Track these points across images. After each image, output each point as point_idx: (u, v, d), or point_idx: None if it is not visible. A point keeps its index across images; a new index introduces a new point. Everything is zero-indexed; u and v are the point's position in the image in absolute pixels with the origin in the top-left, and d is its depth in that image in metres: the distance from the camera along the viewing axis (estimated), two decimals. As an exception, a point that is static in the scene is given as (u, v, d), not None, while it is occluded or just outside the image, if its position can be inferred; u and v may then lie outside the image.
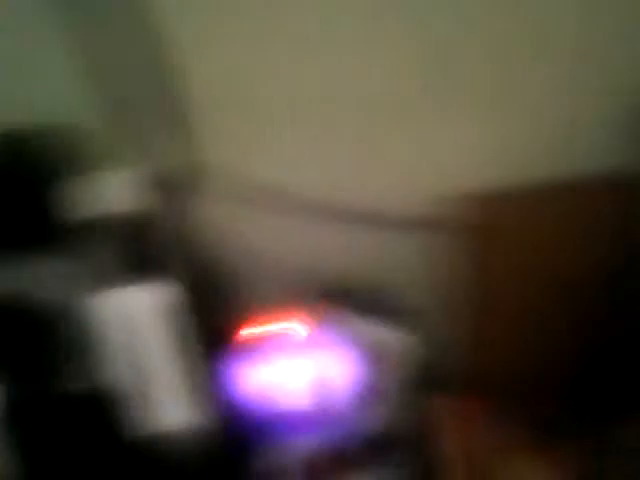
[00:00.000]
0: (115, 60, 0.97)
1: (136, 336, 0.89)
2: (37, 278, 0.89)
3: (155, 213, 0.90)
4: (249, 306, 1.01)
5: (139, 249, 0.89)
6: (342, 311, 1.01)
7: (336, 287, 1.05)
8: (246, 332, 0.98)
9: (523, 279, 1.04)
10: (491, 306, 1.05)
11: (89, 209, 0.89)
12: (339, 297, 1.03)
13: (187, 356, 0.89)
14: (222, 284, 1.05)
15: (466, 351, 1.07)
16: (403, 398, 0.99)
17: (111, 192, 0.90)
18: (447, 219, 1.05)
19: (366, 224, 1.06)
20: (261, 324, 0.98)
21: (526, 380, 1.06)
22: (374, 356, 0.97)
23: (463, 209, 1.03)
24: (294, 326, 0.98)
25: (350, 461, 0.95)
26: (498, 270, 1.04)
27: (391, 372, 0.98)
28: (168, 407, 0.91)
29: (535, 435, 1.03)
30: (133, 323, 0.88)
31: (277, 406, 0.96)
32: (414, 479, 0.95)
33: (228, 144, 1.03)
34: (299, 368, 0.96)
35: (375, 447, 0.96)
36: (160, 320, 0.88)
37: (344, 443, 0.96)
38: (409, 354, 0.99)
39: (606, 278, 1.04)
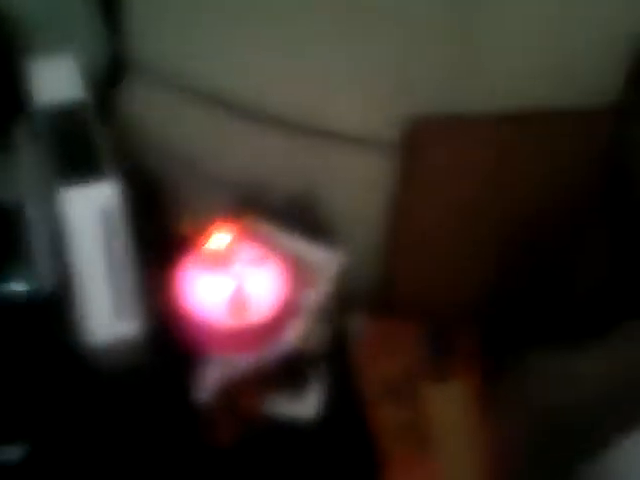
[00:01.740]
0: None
1: (70, 240, 0.86)
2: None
3: (89, 108, 0.88)
4: (178, 214, 1.00)
5: (75, 146, 0.86)
6: (265, 223, 1.01)
7: (261, 198, 1.04)
8: (175, 241, 0.97)
9: (452, 207, 1.05)
10: (413, 229, 1.07)
11: (23, 97, 0.86)
12: (263, 209, 1.02)
13: (122, 264, 0.88)
14: (151, 190, 1.03)
15: (386, 269, 1.09)
16: (323, 316, 0.99)
17: (45, 80, 0.87)
18: (382, 137, 1.04)
19: (298, 134, 1.04)
20: (188, 234, 0.97)
21: (442, 305, 1.09)
22: (295, 272, 0.97)
23: (405, 130, 1.02)
24: (218, 237, 0.96)
25: (267, 379, 0.95)
26: (424, 194, 1.05)
27: (312, 289, 0.98)
28: (100, 316, 0.89)
29: (443, 360, 1.07)
30: (67, 226, 0.85)
31: (199, 320, 0.94)
32: (330, 400, 0.96)
33: (160, 37, 1.00)
34: (220, 282, 0.95)
35: (293, 366, 0.96)
36: (96, 224, 0.85)
37: (262, 360, 0.95)
38: (331, 270, 0.99)
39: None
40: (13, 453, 0.86)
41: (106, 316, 0.89)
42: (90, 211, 0.84)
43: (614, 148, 1.05)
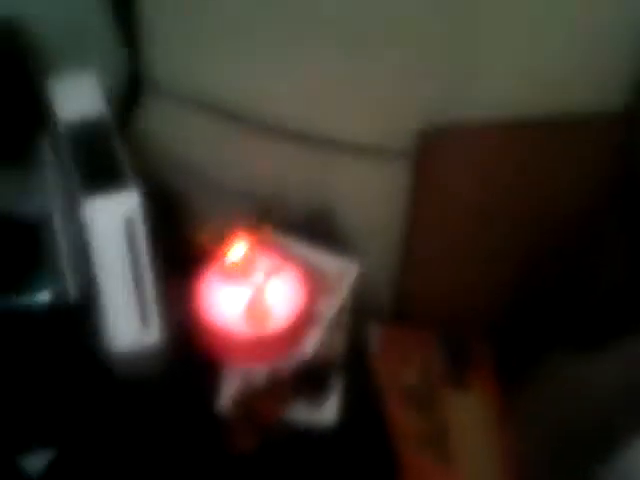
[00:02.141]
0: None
1: (94, 250, 0.87)
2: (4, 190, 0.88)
3: (109, 123, 0.90)
4: (195, 226, 1.01)
5: (97, 159, 0.88)
6: (281, 234, 1.03)
7: (276, 209, 1.06)
8: (194, 253, 0.98)
9: (466, 216, 1.06)
10: (427, 239, 1.08)
11: (46, 114, 0.89)
12: (279, 220, 1.03)
13: (144, 273, 0.89)
14: (168, 203, 1.05)
15: (401, 279, 1.10)
16: (340, 325, 1.00)
17: (67, 97, 0.90)
18: (396, 149, 1.05)
19: (312, 147, 1.06)
20: (205, 245, 0.99)
21: (457, 314, 1.10)
22: (312, 281, 0.98)
23: (415, 140, 1.03)
24: (234, 248, 0.98)
25: (285, 388, 0.96)
26: (438, 204, 1.06)
27: (329, 298, 1.00)
28: (123, 325, 0.91)
29: (460, 368, 1.07)
30: (91, 235, 0.87)
31: (219, 330, 0.95)
32: (349, 407, 0.97)
33: (177, 56, 1.02)
34: (239, 292, 0.96)
35: (311, 374, 0.97)
36: (119, 233, 0.87)
37: (280, 369, 0.97)
38: (347, 280, 1.01)
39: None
40: (39, 459, 0.88)
41: (129, 325, 0.90)
42: (113, 220, 0.86)
43: (625, 155, 1.06)
